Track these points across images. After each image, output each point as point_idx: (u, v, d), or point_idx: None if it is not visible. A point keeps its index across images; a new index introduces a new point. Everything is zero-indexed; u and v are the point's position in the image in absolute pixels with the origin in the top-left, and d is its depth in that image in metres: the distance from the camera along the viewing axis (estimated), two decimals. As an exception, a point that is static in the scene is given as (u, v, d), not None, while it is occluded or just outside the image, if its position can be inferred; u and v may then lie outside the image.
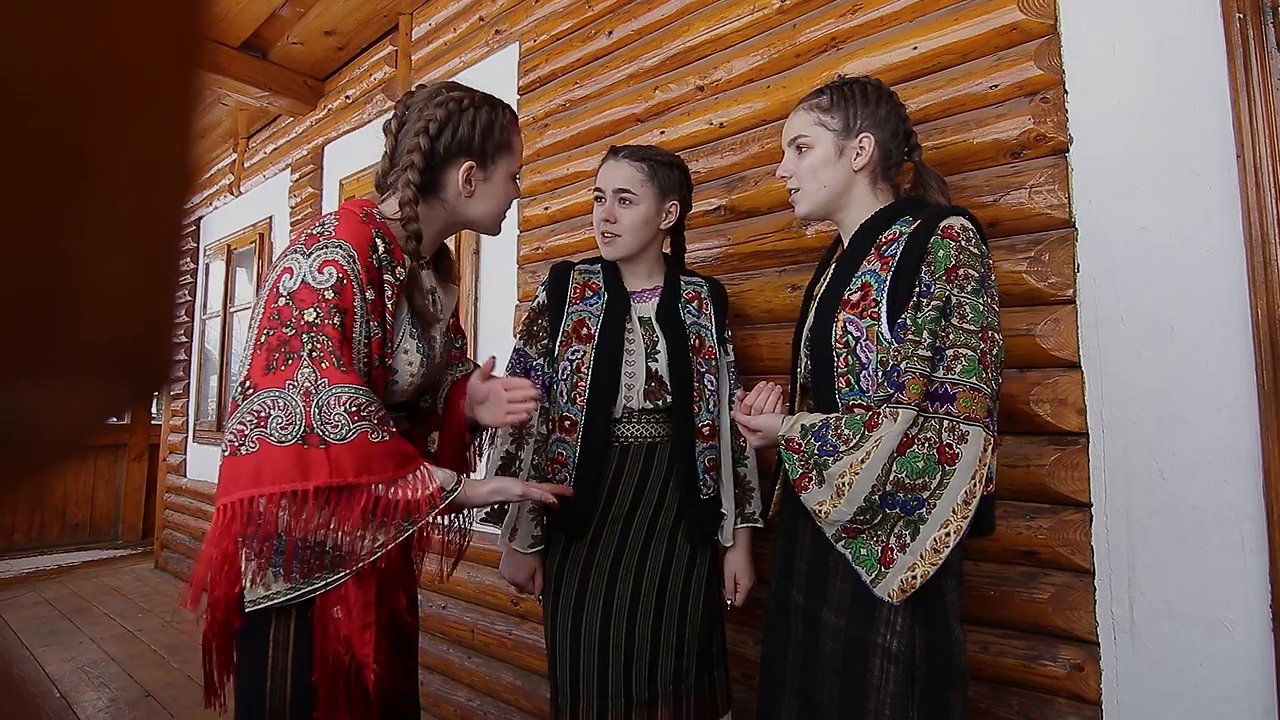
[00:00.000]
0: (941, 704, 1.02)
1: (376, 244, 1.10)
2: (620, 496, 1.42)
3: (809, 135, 1.22)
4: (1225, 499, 1.19)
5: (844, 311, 1.13)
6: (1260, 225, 1.16)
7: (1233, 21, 1.20)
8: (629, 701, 1.35)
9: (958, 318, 1.02)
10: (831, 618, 1.07)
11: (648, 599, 1.39)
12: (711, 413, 1.46)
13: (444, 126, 1.17)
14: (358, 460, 0.99)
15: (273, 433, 0.96)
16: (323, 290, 1.02)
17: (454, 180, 1.20)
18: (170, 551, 4.94)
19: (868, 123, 1.19)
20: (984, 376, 1.01)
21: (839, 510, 1.03)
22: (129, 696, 2.77)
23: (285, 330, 1.00)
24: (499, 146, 1.22)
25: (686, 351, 1.44)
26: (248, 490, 0.95)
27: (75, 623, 3.73)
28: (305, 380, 0.98)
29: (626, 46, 2.22)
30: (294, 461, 0.96)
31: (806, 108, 1.24)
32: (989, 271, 1.08)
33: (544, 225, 2.44)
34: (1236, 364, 1.19)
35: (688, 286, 1.53)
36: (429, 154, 1.16)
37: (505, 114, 1.25)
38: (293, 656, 1.03)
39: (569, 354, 1.45)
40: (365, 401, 1.01)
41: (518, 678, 2.35)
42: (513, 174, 1.27)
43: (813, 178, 1.22)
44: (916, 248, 1.07)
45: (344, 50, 3.52)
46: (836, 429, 1.07)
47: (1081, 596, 1.31)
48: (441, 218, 1.24)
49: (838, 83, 1.24)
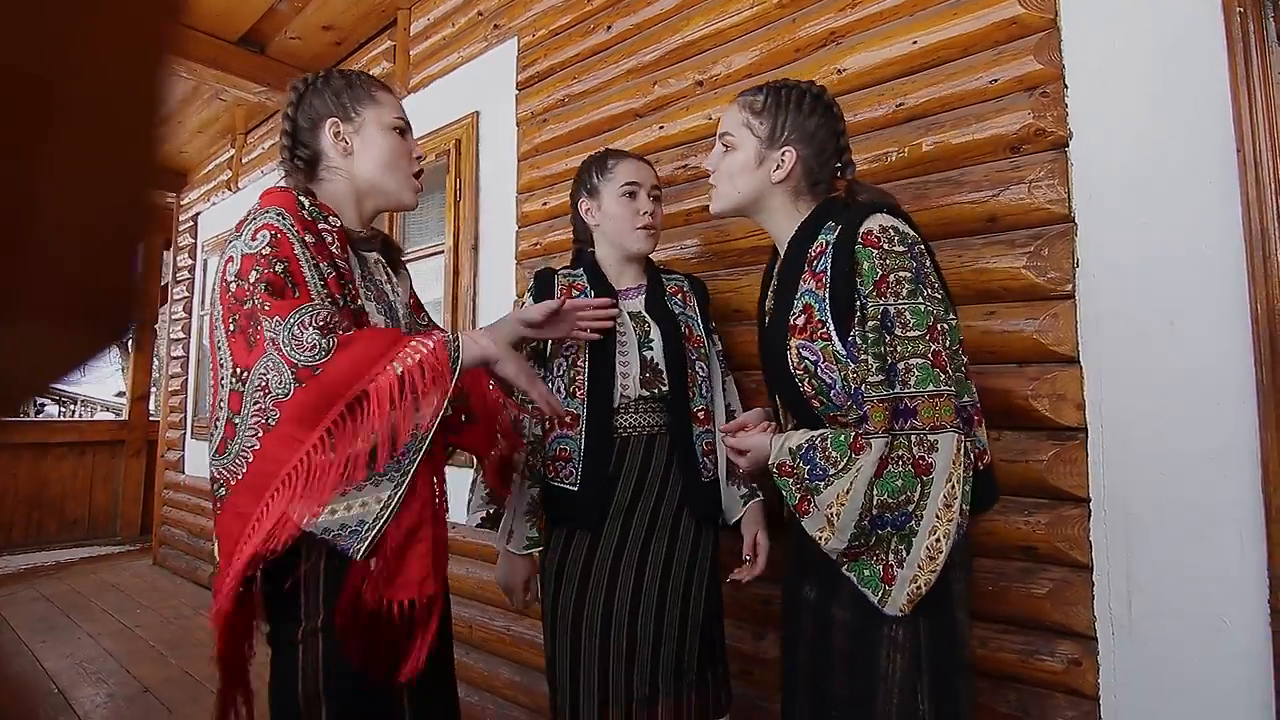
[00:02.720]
0: (949, 691, 1.03)
1: (302, 201, 1.17)
2: (621, 489, 1.43)
3: (735, 135, 1.20)
4: (1224, 495, 1.19)
5: (794, 338, 1.12)
6: (1260, 220, 1.16)
7: (1233, 16, 1.19)
8: (630, 698, 1.35)
9: (900, 327, 1.00)
10: (840, 612, 1.07)
11: (649, 593, 1.39)
12: (705, 397, 1.50)
13: (298, 104, 1.25)
14: (353, 363, 1.01)
15: (278, 394, 1.00)
16: (259, 251, 1.07)
17: (327, 143, 1.24)
18: (168, 548, 4.94)
19: (794, 135, 1.16)
20: (941, 378, 0.99)
21: (835, 540, 1.03)
22: (127, 692, 2.77)
23: (244, 306, 1.04)
24: (358, 98, 1.26)
25: (679, 338, 1.48)
26: (295, 449, 0.99)
27: (73, 619, 3.73)
28: (269, 333, 1.01)
29: (625, 41, 2.21)
30: (302, 412, 0.99)
31: (740, 104, 1.21)
32: (921, 263, 1.05)
33: (543, 220, 2.43)
34: (1235, 359, 1.18)
35: (669, 282, 1.58)
36: (293, 132, 1.25)
37: (360, 77, 1.29)
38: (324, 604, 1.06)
39: (564, 351, 1.46)
40: (326, 314, 1.03)
41: (516, 673, 2.35)
42: (389, 124, 1.27)
43: (729, 180, 1.21)
44: (843, 260, 1.05)
45: (342, 45, 3.50)
46: (824, 450, 1.06)
47: (1080, 592, 1.31)
48: (346, 189, 1.26)
49: (776, 85, 1.20)
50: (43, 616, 3.78)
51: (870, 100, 1.64)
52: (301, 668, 1.06)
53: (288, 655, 1.08)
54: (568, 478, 1.43)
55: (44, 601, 4.08)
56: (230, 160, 4.68)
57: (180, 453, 5.01)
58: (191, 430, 4.90)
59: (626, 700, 1.35)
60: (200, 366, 4.94)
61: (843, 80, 1.68)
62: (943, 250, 1.50)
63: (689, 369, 1.48)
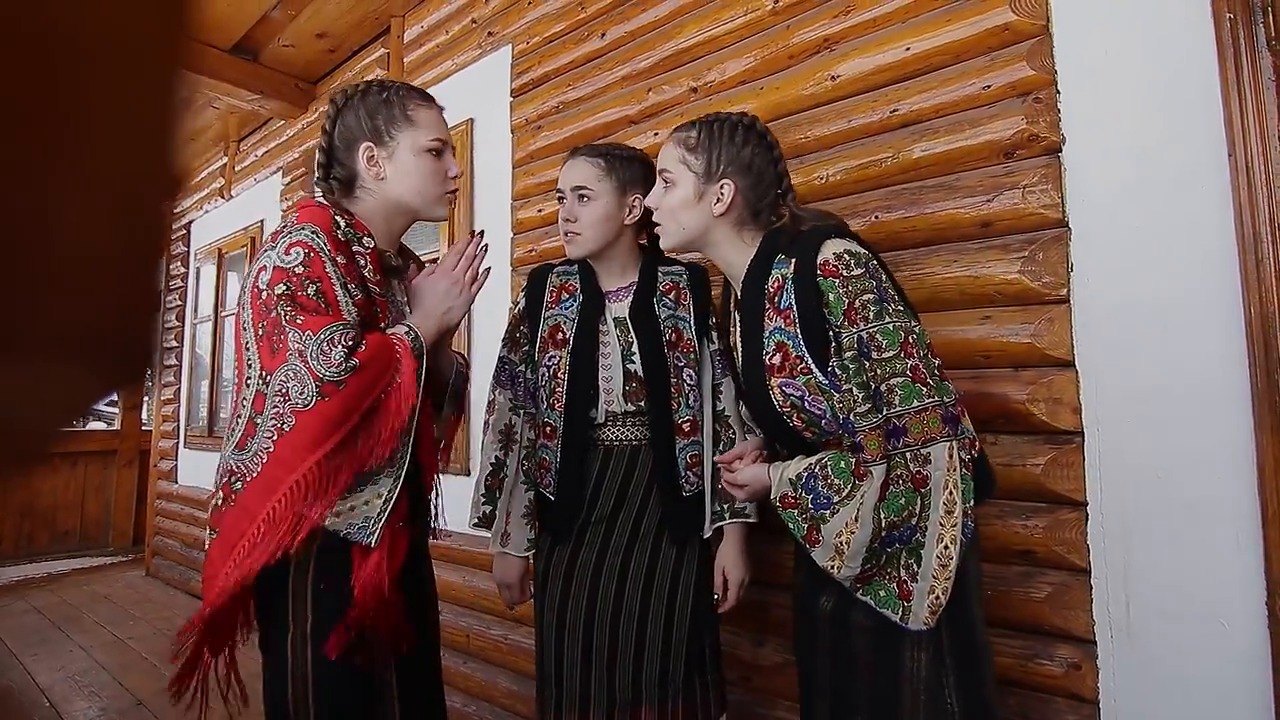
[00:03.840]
0: (975, 679, 1.03)
1: (338, 220, 1.19)
2: (603, 499, 1.42)
3: (673, 172, 1.21)
4: (1220, 497, 1.20)
5: (774, 378, 1.13)
6: (1252, 224, 1.17)
7: (1223, 21, 1.20)
8: (611, 702, 1.35)
9: (875, 351, 1.02)
10: (860, 618, 1.07)
11: (631, 600, 1.38)
12: (692, 408, 1.44)
13: (335, 120, 1.26)
14: (371, 378, 1.08)
15: (298, 403, 1.05)
16: (292, 268, 1.10)
17: (361, 166, 1.25)
18: (161, 559, 4.90)
19: (730, 168, 1.17)
20: (924, 392, 1.01)
21: (846, 568, 1.04)
22: (120, 705, 2.74)
23: (270, 314, 1.08)
24: (392, 120, 1.26)
25: (661, 350, 1.42)
26: (310, 455, 1.05)
27: (65, 631, 3.69)
28: (296, 344, 1.06)
29: (619, 48, 2.22)
30: (321, 424, 1.05)
31: (675, 141, 1.22)
32: (879, 279, 1.06)
33: (537, 228, 2.43)
34: (1230, 362, 1.19)
35: (665, 277, 1.49)
36: (329, 150, 1.26)
37: (397, 91, 1.28)
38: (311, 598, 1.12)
39: (546, 360, 1.45)
40: (354, 335, 1.09)
41: (514, 682, 2.33)
42: (424, 147, 1.27)
43: (672, 218, 1.21)
44: (808, 294, 1.07)
45: (336, 53, 3.50)
46: (825, 478, 1.07)
47: (1078, 595, 1.32)
48: (378, 208, 1.28)
49: (708, 120, 1.22)
50: (35, 629, 3.74)
51: (864, 106, 1.64)
52: (291, 671, 1.11)
53: (278, 659, 1.13)
54: (547, 487, 1.45)
55: (36, 614, 4.03)
56: (223, 168, 4.67)
57: (173, 462, 4.98)
58: (185, 439, 4.87)
59: (609, 704, 1.35)
60: (194, 374, 4.91)
61: (836, 86, 1.69)
62: (937, 255, 1.51)
63: (674, 378, 1.42)
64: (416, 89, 1.31)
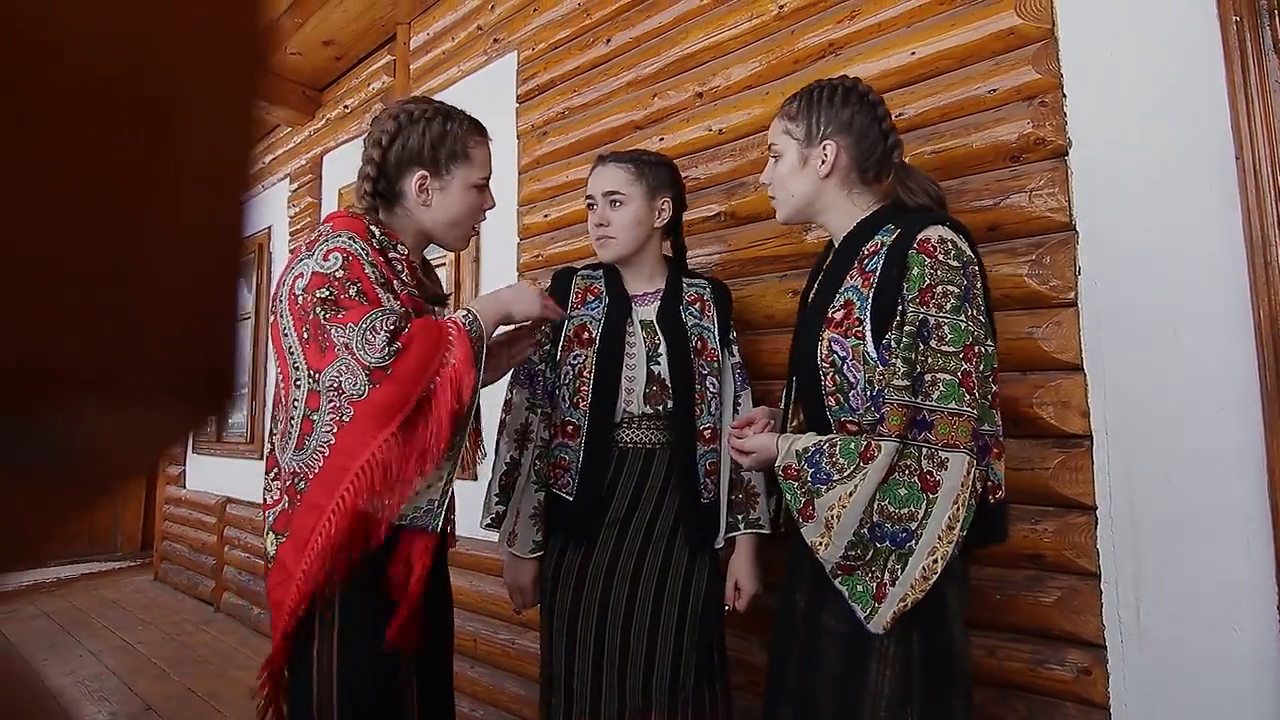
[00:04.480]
0: (943, 710, 1.01)
1: (372, 230, 1.20)
2: (617, 501, 1.42)
3: (778, 144, 1.22)
4: (1230, 500, 1.19)
5: (828, 330, 1.12)
6: (1260, 226, 1.16)
7: (1230, 24, 1.20)
8: (622, 708, 1.34)
9: (936, 340, 0.99)
10: (832, 622, 1.07)
11: (644, 605, 1.38)
12: (713, 415, 1.45)
13: (394, 138, 1.24)
14: (419, 360, 1.08)
15: (352, 394, 1.06)
16: (332, 272, 1.11)
17: (411, 190, 1.26)
18: (170, 563, 4.92)
19: (831, 128, 1.17)
20: (966, 399, 0.98)
21: (831, 548, 1.02)
22: (130, 710, 2.75)
23: (310, 317, 1.09)
24: (453, 155, 1.26)
25: (688, 355, 1.44)
26: (372, 439, 1.05)
27: (75, 636, 3.71)
28: (341, 338, 1.07)
29: (625, 54, 2.22)
30: (376, 412, 1.05)
31: (779, 115, 1.23)
32: (973, 282, 1.04)
33: (544, 233, 2.44)
34: (1239, 365, 1.19)
35: (690, 289, 1.52)
36: (381, 165, 1.25)
37: (462, 125, 1.28)
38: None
39: (571, 359, 1.45)
40: (396, 318, 1.09)
41: (521, 687, 2.33)
42: (474, 184, 1.29)
43: (782, 186, 1.22)
44: (895, 263, 1.05)
45: (342, 60, 3.53)
46: (831, 455, 1.05)
47: (1088, 600, 1.31)
48: (409, 228, 1.29)
49: (808, 87, 1.22)
50: (44, 634, 3.76)
51: (869, 110, 1.64)
52: (316, 679, 1.12)
53: (303, 666, 1.13)
54: (564, 487, 1.43)
55: (45, 619, 4.06)
56: (231, 175, 4.69)
57: (181, 467, 5.00)
58: (193, 444, 4.89)
59: (620, 710, 1.34)
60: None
61: (842, 91, 1.69)
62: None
63: (698, 385, 1.44)
64: (477, 123, 1.32)
